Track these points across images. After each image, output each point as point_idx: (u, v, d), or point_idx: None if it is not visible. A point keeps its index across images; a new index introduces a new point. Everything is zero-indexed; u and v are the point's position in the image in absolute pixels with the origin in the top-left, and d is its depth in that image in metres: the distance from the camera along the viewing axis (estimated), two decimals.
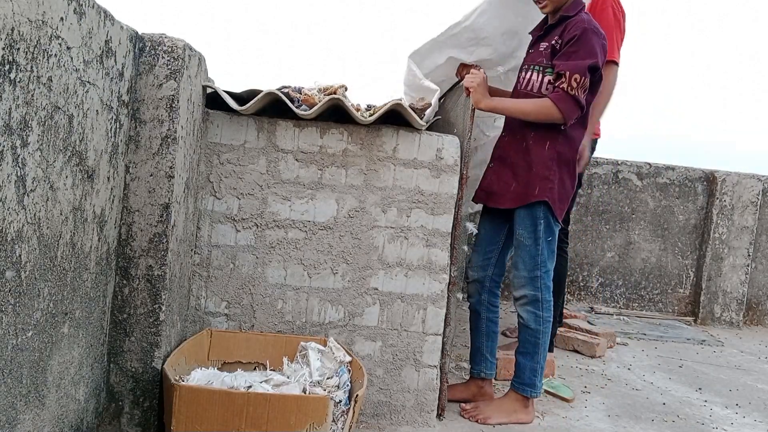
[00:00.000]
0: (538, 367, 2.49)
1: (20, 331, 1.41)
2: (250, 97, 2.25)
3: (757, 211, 4.91)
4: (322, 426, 1.80)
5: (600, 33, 2.33)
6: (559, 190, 2.40)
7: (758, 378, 3.57)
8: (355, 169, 2.33)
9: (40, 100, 1.38)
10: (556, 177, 2.39)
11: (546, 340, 2.50)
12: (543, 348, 2.49)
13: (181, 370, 2.03)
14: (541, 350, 2.49)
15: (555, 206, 2.40)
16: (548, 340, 2.53)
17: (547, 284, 2.45)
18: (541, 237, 2.41)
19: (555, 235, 2.45)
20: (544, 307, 2.46)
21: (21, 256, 1.37)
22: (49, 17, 1.38)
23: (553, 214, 2.40)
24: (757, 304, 5.08)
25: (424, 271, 2.37)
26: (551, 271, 2.47)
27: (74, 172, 1.58)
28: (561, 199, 2.42)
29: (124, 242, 1.94)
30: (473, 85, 2.40)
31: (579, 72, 2.25)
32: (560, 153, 2.39)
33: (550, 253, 2.45)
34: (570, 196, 2.49)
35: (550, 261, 2.46)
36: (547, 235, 2.42)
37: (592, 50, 2.27)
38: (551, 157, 2.38)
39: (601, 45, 2.32)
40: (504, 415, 2.49)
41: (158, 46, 1.93)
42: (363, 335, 2.36)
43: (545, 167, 2.38)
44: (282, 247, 2.32)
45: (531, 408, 2.54)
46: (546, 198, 2.38)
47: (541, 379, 2.52)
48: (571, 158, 2.42)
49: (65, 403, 1.68)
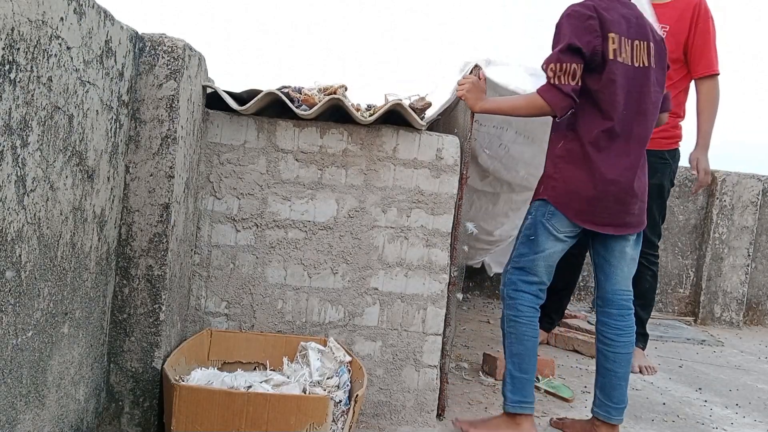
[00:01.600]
0: (506, 373, 2.30)
1: (20, 331, 1.41)
2: (250, 97, 2.25)
3: (757, 211, 4.91)
4: (322, 426, 1.80)
5: (573, 13, 2.16)
6: (563, 188, 2.23)
7: (758, 378, 3.57)
8: (355, 169, 2.33)
9: (40, 100, 1.38)
10: (559, 175, 2.24)
11: (511, 342, 2.29)
12: (509, 351, 2.30)
13: (181, 370, 2.03)
14: (507, 353, 2.31)
15: (560, 205, 2.23)
16: (517, 343, 2.27)
17: (512, 280, 2.30)
18: (523, 232, 2.30)
19: (544, 235, 2.25)
20: (506, 304, 2.32)
21: (21, 256, 1.37)
22: (49, 17, 1.38)
23: (554, 214, 2.24)
24: (757, 304, 5.09)
25: (424, 271, 2.37)
26: (528, 270, 2.28)
27: (74, 172, 1.58)
28: (569, 197, 2.22)
29: (124, 242, 1.94)
30: (463, 91, 2.34)
31: (551, 60, 2.14)
32: (570, 150, 2.23)
33: (529, 251, 2.27)
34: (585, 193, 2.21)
35: (528, 259, 2.27)
36: (530, 233, 2.28)
37: (561, 35, 2.16)
38: (560, 154, 2.25)
39: (573, 25, 2.15)
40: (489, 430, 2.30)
41: (158, 46, 1.93)
42: (363, 335, 2.36)
43: (552, 165, 2.28)
44: (282, 247, 2.32)
45: (525, 426, 2.27)
46: (546, 196, 2.26)
47: (511, 389, 2.27)
48: (584, 154, 2.20)
49: (65, 403, 1.68)
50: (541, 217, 2.25)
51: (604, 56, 2.15)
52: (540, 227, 2.26)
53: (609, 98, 2.17)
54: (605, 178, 2.20)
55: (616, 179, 2.21)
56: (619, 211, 2.25)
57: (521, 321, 2.27)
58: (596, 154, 2.20)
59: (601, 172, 2.20)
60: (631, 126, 2.22)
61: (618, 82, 2.17)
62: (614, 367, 2.33)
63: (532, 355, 2.29)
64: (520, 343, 2.27)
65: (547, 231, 2.25)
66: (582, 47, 2.12)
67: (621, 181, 2.22)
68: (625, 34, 2.19)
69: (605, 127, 2.19)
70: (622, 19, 2.20)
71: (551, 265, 2.31)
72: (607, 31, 2.15)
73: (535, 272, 2.28)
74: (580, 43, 2.12)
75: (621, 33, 2.18)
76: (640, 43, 2.22)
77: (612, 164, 2.21)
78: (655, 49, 2.25)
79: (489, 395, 2.80)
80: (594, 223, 2.25)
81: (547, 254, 2.27)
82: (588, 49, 2.13)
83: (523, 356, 2.27)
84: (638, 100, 2.22)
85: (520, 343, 2.27)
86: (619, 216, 2.26)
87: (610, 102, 2.17)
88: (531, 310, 2.29)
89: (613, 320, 2.34)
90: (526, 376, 2.26)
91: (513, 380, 2.27)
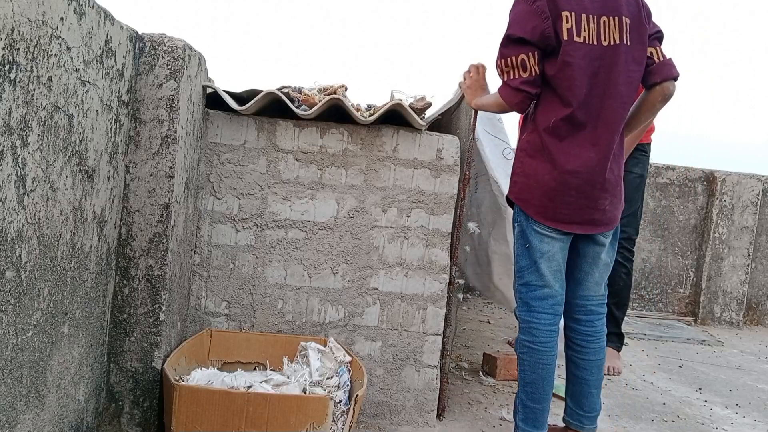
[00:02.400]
0: (518, 400, 2.14)
1: (20, 331, 1.41)
2: (250, 97, 2.25)
3: (757, 211, 4.91)
4: (322, 426, 1.80)
5: (519, 1, 2.00)
6: (523, 183, 2.07)
7: (758, 378, 3.57)
8: (355, 169, 2.33)
9: (40, 100, 1.38)
10: (520, 169, 2.09)
11: (524, 369, 2.11)
12: (521, 378, 2.12)
13: (181, 370, 2.03)
14: (520, 380, 2.13)
15: (521, 202, 2.08)
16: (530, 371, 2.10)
17: (523, 300, 2.11)
18: (516, 243, 2.14)
19: (537, 234, 2.06)
20: (520, 327, 2.13)
21: (21, 256, 1.37)
22: (49, 17, 1.38)
23: (525, 214, 2.07)
24: (757, 304, 5.08)
25: (424, 271, 2.37)
26: (534, 284, 2.09)
27: (74, 172, 1.58)
28: (529, 192, 2.05)
29: (124, 242, 1.94)
30: (464, 87, 2.28)
31: (497, 57, 2.02)
32: (530, 141, 2.06)
33: (528, 261, 2.08)
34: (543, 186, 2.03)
35: (530, 270, 2.08)
36: (523, 242, 2.09)
37: (507, 26, 2.01)
38: (522, 147, 2.10)
39: (516, 12, 1.99)
40: None
41: (158, 46, 1.93)
42: (363, 335, 2.36)
43: (516, 160, 2.12)
44: (282, 247, 2.32)
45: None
46: (510, 194, 2.12)
47: (522, 418, 2.12)
48: (542, 145, 2.02)
49: (65, 403, 1.68)
50: (525, 222, 2.08)
51: (558, 38, 1.95)
52: (528, 232, 2.07)
53: (566, 83, 1.97)
54: (565, 169, 1.99)
55: (578, 170, 2.00)
56: (584, 206, 2.03)
57: (536, 347, 2.07)
58: (555, 144, 2.00)
59: (560, 163, 1.99)
60: (598, 111, 1.99)
61: (576, 64, 1.95)
62: (584, 375, 2.19)
63: (548, 384, 2.10)
64: (533, 371, 2.08)
65: (536, 234, 2.06)
66: (525, 35, 1.95)
67: (583, 172, 2.00)
68: (586, 11, 1.96)
69: (564, 114, 1.98)
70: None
71: (557, 270, 2.09)
72: (560, 10, 1.94)
73: (544, 283, 2.07)
74: (522, 32, 1.95)
75: (580, 10, 1.95)
76: (608, 19, 1.97)
77: (574, 154, 2.00)
78: (630, 23, 2.00)
79: (489, 395, 2.80)
80: (556, 220, 2.03)
81: (546, 258, 2.06)
82: (534, 35, 1.94)
83: (537, 385, 2.08)
84: (606, 81, 1.99)
85: (534, 371, 2.08)
86: (584, 212, 2.04)
87: (568, 87, 1.97)
88: (548, 333, 2.08)
89: (582, 326, 2.19)
90: (538, 406, 2.09)
91: (525, 410, 2.11)
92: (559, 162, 2.00)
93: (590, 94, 1.99)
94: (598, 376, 2.21)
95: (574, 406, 2.23)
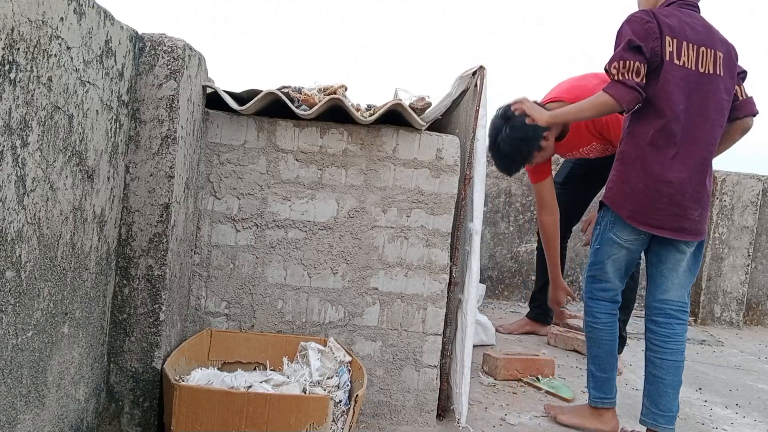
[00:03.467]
0: (588, 373, 2.52)
1: (20, 331, 1.41)
2: (250, 97, 2.25)
3: (757, 211, 4.91)
4: (322, 426, 1.80)
5: (633, 18, 2.27)
6: (617, 189, 2.34)
7: (758, 378, 3.57)
8: (355, 169, 2.33)
9: (40, 100, 1.38)
10: (616, 177, 2.36)
11: (591, 345, 2.50)
12: (589, 353, 2.51)
13: (181, 370, 2.03)
14: (588, 355, 2.52)
15: (615, 206, 2.35)
16: (596, 347, 2.48)
17: (588, 289, 2.49)
18: (592, 241, 2.47)
19: (611, 240, 2.38)
20: (585, 311, 2.51)
21: (21, 256, 1.37)
22: (49, 17, 1.38)
23: (614, 222, 2.37)
24: (757, 304, 5.09)
25: (424, 271, 2.37)
26: (599, 278, 2.45)
27: (74, 172, 1.58)
28: (624, 198, 2.32)
29: (124, 242, 1.94)
30: (525, 109, 2.58)
31: (615, 59, 2.24)
32: (623, 152, 2.34)
33: (597, 260, 2.44)
34: (637, 193, 2.29)
35: (597, 267, 2.45)
36: (596, 242, 2.44)
37: (622, 37, 2.26)
38: (618, 158, 2.38)
39: (633, 28, 2.23)
40: (576, 418, 2.53)
41: (158, 46, 1.93)
42: (363, 335, 2.36)
43: (612, 170, 2.40)
44: (282, 247, 2.32)
45: (606, 417, 2.49)
46: (604, 199, 2.40)
47: (593, 386, 2.49)
48: (638, 155, 2.28)
49: (65, 403, 1.68)
50: (605, 227, 2.40)
51: (661, 58, 2.22)
52: (604, 236, 2.40)
53: (665, 96, 2.23)
54: (659, 178, 2.26)
55: (671, 180, 2.25)
56: (675, 214, 2.29)
57: (598, 327, 2.46)
58: (652, 153, 2.26)
59: (655, 172, 2.26)
60: (691, 129, 2.26)
61: (674, 82, 2.23)
62: (661, 374, 2.39)
63: (611, 356, 2.47)
64: (599, 346, 2.46)
65: (610, 239, 2.39)
66: (642, 46, 2.20)
67: (675, 182, 2.25)
68: (687, 39, 2.25)
69: (659, 125, 2.24)
70: (685, 26, 2.26)
71: (620, 269, 2.43)
72: (665, 35, 2.22)
73: (606, 279, 2.44)
74: (641, 42, 2.20)
75: (682, 38, 2.24)
76: (706, 50, 2.27)
77: (668, 165, 2.25)
78: (723, 58, 2.30)
79: (489, 395, 2.80)
80: (648, 224, 2.31)
81: (612, 260, 2.41)
82: (647, 50, 2.21)
83: (603, 358, 2.46)
84: (700, 104, 2.26)
85: (599, 346, 2.46)
86: (675, 220, 2.29)
87: (666, 100, 2.23)
88: (607, 316, 2.47)
89: (660, 328, 2.41)
90: (605, 375, 2.46)
91: (595, 379, 2.48)
92: (654, 171, 2.26)
93: (685, 111, 2.25)
94: (675, 377, 2.39)
95: (651, 405, 2.42)
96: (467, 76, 2.43)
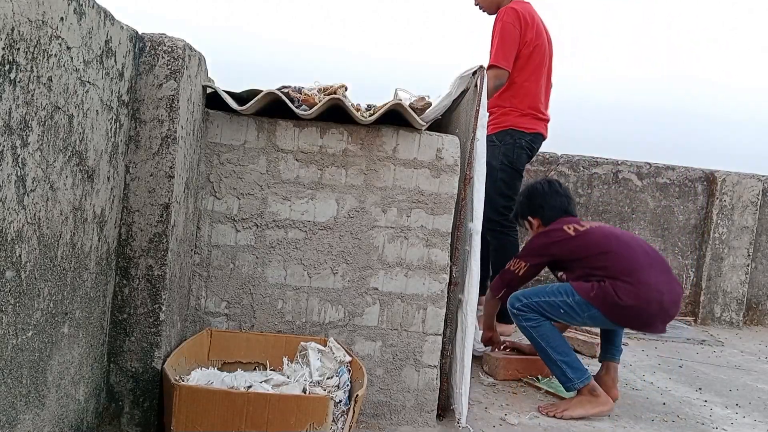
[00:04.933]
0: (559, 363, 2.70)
1: (20, 331, 1.41)
2: (250, 97, 2.25)
3: (757, 211, 4.91)
4: (322, 426, 1.80)
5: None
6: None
7: (758, 378, 3.57)
8: (355, 169, 2.33)
9: (40, 100, 1.38)
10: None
11: (544, 340, 2.74)
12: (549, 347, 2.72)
13: (181, 370, 2.03)
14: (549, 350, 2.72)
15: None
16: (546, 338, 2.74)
17: (518, 306, 2.80)
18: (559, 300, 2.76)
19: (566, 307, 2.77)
20: (521, 317, 2.79)
21: (21, 256, 1.37)
22: (49, 17, 1.38)
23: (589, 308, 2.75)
24: (757, 304, 5.08)
25: (424, 271, 2.37)
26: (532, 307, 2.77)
27: (74, 172, 1.58)
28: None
29: (124, 242, 1.94)
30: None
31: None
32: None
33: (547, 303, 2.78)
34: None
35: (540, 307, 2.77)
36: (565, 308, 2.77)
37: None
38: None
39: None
40: (578, 409, 2.66)
41: (158, 46, 1.93)
42: (363, 335, 2.36)
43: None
44: (282, 247, 2.32)
45: (595, 391, 2.68)
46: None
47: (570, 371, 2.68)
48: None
49: (65, 403, 1.68)
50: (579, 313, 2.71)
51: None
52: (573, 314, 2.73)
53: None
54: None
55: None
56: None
57: (539, 324, 2.74)
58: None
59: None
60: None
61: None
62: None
63: (559, 338, 2.77)
64: (549, 336, 2.73)
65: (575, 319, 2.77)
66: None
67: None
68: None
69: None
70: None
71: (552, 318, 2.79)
72: None
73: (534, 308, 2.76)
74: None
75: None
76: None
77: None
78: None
79: (489, 395, 2.80)
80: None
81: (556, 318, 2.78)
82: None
83: (557, 342, 2.73)
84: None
85: (549, 336, 2.73)
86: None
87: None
88: (535, 314, 2.77)
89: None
90: (570, 357, 2.71)
91: (567, 364, 2.69)
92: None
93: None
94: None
95: (608, 344, 2.90)
96: (467, 76, 2.43)
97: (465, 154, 2.39)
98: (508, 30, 3.51)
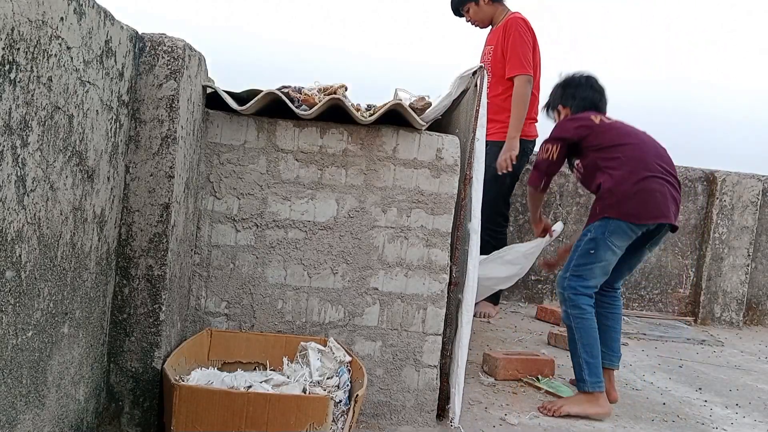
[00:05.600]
0: (581, 361, 2.69)
1: (20, 331, 1.41)
2: (250, 97, 2.25)
3: (757, 211, 4.90)
4: (322, 426, 1.80)
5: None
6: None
7: (758, 378, 3.57)
8: (355, 169, 2.33)
9: (40, 100, 1.38)
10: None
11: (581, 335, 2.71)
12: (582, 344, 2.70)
13: (181, 370, 2.03)
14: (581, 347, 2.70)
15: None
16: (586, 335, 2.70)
17: (572, 285, 2.74)
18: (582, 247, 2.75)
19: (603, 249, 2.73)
20: (569, 305, 2.75)
21: (21, 256, 1.37)
22: (49, 17, 1.38)
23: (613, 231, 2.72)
24: (757, 304, 5.08)
25: (424, 271, 2.37)
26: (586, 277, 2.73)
27: (74, 172, 1.58)
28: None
29: (124, 242, 1.94)
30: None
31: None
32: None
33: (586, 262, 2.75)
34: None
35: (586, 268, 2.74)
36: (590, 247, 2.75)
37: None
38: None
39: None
40: (576, 406, 2.67)
41: (158, 46, 1.93)
42: (363, 335, 2.36)
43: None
44: (282, 247, 2.32)
45: (601, 400, 2.67)
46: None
47: (588, 372, 2.67)
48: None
49: (65, 403, 1.68)
50: (601, 235, 2.68)
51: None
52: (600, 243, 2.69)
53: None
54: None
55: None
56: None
57: (586, 317, 2.68)
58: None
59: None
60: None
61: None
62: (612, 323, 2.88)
63: (597, 342, 2.72)
64: (588, 334, 2.68)
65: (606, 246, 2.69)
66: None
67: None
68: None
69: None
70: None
71: (607, 271, 2.73)
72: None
73: (592, 277, 2.70)
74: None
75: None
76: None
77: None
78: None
79: (489, 395, 2.80)
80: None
81: (604, 263, 2.71)
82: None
83: (592, 344, 2.68)
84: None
85: (588, 334, 2.68)
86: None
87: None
88: (591, 307, 2.71)
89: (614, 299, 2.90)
90: (596, 361, 2.68)
91: (588, 365, 2.66)
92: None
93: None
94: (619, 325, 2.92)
95: (606, 349, 2.80)
96: (467, 76, 2.43)
97: (465, 154, 2.39)
98: (525, 39, 3.69)
